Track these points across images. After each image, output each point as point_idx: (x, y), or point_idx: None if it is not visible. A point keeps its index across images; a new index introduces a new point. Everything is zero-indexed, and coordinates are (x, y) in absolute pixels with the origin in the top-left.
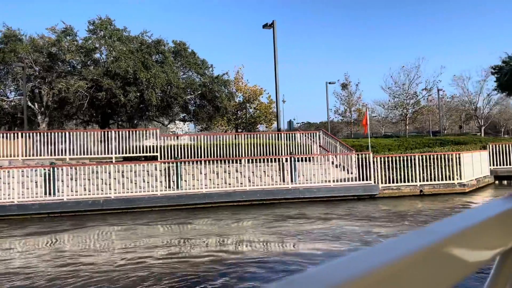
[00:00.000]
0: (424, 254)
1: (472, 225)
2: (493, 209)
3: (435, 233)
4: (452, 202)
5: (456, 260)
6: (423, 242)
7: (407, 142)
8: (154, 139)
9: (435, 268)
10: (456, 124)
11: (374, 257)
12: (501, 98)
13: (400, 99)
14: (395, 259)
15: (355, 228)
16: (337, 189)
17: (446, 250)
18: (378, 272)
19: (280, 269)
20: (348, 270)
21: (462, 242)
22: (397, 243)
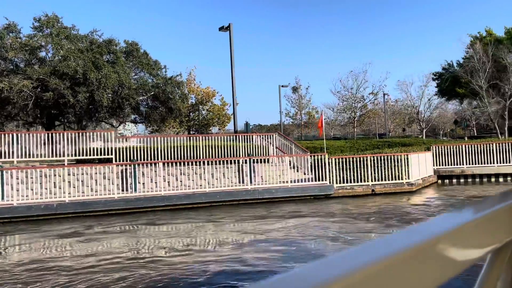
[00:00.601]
0: (415, 252)
1: (463, 223)
2: (484, 207)
3: (426, 231)
4: (400, 200)
5: (447, 258)
6: (414, 240)
7: (357, 144)
8: (108, 141)
9: (425, 266)
10: (400, 126)
11: (363, 255)
12: (441, 103)
13: (348, 102)
14: (385, 257)
15: (320, 224)
16: (295, 190)
17: (437, 248)
18: (367, 269)
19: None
20: (335, 268)
21: (453, 240)
22: (387, 241)
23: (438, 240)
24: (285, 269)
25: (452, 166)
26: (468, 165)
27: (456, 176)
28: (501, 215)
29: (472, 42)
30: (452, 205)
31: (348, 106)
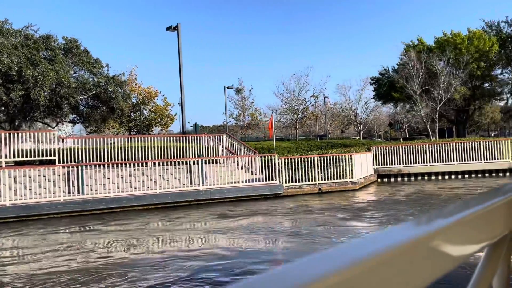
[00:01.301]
0: (409, 247)
1: (459, 219)
2: (478, 202)
3: (420, 227)
4: (345, 198)
5: (443, 253)
6: (408, 235)
7: (302, 145)
8: (49, 142)
9: (420, 261)
10: (338, 128)
11: (355, 251)
12: (376, 106)
13: (291, 104)
14: (378, 253)
15: (277, 220)
16: (246, 189)
17: (432, 243)
18: (360, 265)
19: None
20: (324, 265)
21: (449, 235)
22: (380, 237)
23: (433, 235)
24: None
25: (390, 165)
26: (404, 165)
27: (393, 175)
28: (496, 210)
29: (406, 50)
30: (393, 200)
31: (291, 108)
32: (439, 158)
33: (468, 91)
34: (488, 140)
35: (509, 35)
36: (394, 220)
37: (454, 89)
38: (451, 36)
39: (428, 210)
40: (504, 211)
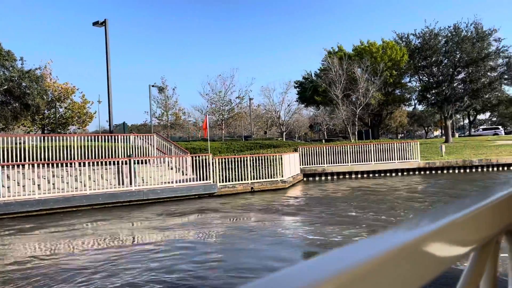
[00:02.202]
0: (400, 251)
1: (447, 222)
2: (466, 205)
3: (410, 231)
4: (276, 196)
5: (432, 257)
6: (399, 240)
7: (232, 145)
8: None
9: (410, 265)
10: (262, 129)
11: (349, 256)
12: (298, 108)
13: (217, 105)
14: (371, 257)
15: (218, 218)
16: (180, 189)
17: (421, 247)
18: (353, 270)
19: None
20: (321, 269)
21: (437, 238)
22: (373, 241)
23: (422, 239)
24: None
25: (316, 165)
26: (328, 164)
27: (318, 174)
28: (484, 213)
29: (327, 56)
30: (323, 197)
31: (217, 109)
32: (359, 158)
33: (382, 97)
34: (400, 142)
35: (416, 46)
36: (329, 215)
37: (371, 95)
38: (367, 45)
39: (356, 205)
40: (491, 214)
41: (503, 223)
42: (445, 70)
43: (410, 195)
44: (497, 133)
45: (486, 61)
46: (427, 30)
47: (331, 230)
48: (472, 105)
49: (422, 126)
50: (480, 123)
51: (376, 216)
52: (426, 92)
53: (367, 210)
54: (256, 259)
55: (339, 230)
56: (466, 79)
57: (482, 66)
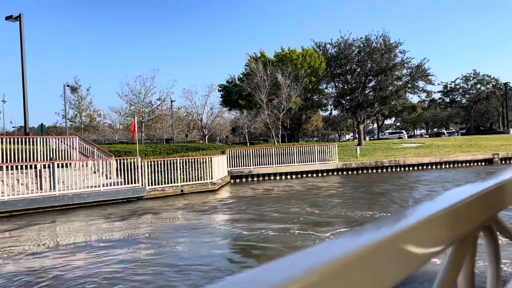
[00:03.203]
0: (376, 248)
1: (426, 217)
2: (444, 202)
3: (388, 227)
4: (207, 198)
5: (409, 253)
6: (376, 236)
7: (158, 148)
8: None
9: (387, 262)
10: (183, 132)
11: (321, 254)
12: (221, 111)
13: (136, 107)
14: (344, 255)
15: (148, 221)
16: (108, 193)
17: (399, 243)
18: (325, 268)
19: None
20: (292, 269)
21: (416, 234)
22: (346, 239)
23: (399, 236)
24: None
25: (242, 167)
26: (254, 166)
27: (245, 176)
28: (462, 209)
29: (250, 61)
30: (254, 198)
31: (136, 111)
32: (283, 160)
33: (302, 102)
34: (320, 145)
35: (333, 55)
36: (260, 213)
37: (293, 100)
38: (288, 52)
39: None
40: (469, 210)
41: (481, 219)
42: (358, 78)
43: (334, 192)
44: (401, 136)
45: (393, 71)
46: (342, 40)
47: (262, 226)
48: (381, 111)
49: (335, 130)
50: (386, 128)
51: (307, 213)
52: (341, 98)
53: (296, 207)
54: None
55: (271, 225)
56: (376, 87)
57: (390, 75)
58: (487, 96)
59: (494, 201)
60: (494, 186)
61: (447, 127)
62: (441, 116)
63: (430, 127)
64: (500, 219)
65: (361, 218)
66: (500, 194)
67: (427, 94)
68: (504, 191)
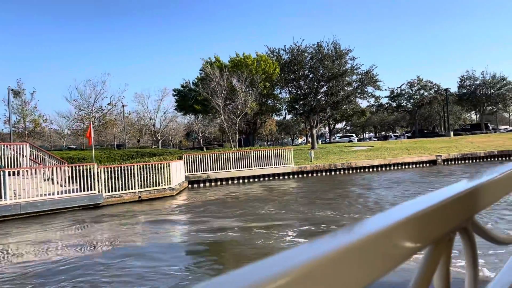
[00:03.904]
0: (351, 249)
1: (399, 220)
2: (420, 204)
3: (363, 229)
4: (165, 204)
5: (385, 253)
6: (351, 238)
7: (113, 154)
8: None
9: (361, 262)
10: (135, 138)
11: (297, 255)
12: (174, 116)
13: (86, 112)
14: (320, 256)
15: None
16: (63, 201)
17: (373, 245)
18: (300, 270)
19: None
20: (270, 269)
21: (391, 236)
22: (323, 241)
23: (375, 237)
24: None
25: (200, 172)
26: (212, 171)
27: (203, 181)
28: (437, 211)
29: (206, 66)
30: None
31: (86, 116)
32: (240, 164)
33: (258, 107)
34: (277, 149)
35: (286, 61)
36: (221, 217)
37: (249, 105)
38: (243, 58)
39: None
40: (444, 212)
41: (456, 221)
42: (311, 83)
43: (293, 194)
44: (351, 140)
45: (344, 77)
46: (295, 47)
47: (222, 228)
48: (333, 115)
49: (288, 134)
50: (337, 131)
51: (268, 215)
52: (295, 103)
53: (254, 209)
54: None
55: (231, 228)
56: (328, 92)
57: (341, 81)
58: (430, 101)
59: (470, 203)
60: (470, 188)
61: (394, 131)
62: (388, 120)
63: (378, 130)
64: (477, 221)
65: (324, 218)
66: (476, 197)
67: (375, 99)
68: (480, 193)
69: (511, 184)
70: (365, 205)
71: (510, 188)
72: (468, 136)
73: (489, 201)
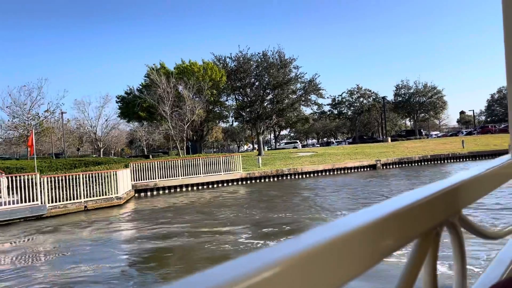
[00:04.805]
0: (336, 243)
1: (386, 214)
2: (407, 198)
3: (350, 223)
4: (112, 213)
5: (372, 247)
6: (337, 231)
7: (54, 164)
8: None
9: (349, 255)
10: (74, 146)
11: (282, 249)
12: (117, 123)
13: (21, 119)
14: (306, 250)
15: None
16: (2, 214)
17: (361, 238)
18: (285, 263)
19: None
20: (250, 266)
21: (375, 230)
22: (309, 235)
23: (362, 230)
24: None
25: (147, 180)
26: (160, 179)
27: (150, 189)
28: (425, 205)
29: (150, 72)
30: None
31: (21, 124)
32: (189, 171)
33: (205, 114)
34: (225, 156)
35: (232, 69)
36: (169, 225)
37: (197, 112)
38: (189, 65)
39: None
40: (431, 207)
41: (444, 215)
42: (257, 91)
43: (243, 199)
44: (296, 146)
45: (289, 85)
46: (241, 55)
47: (168, 237)
48: (278, 122)
49: (235, 140)
50: (282, 138)
51: (223, 221)
52: (241, 110)
53: (208, 217)
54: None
55: (178, 236)
56: (274, 100)
57: (286, 89)
58: (369, 108)
59: (457, 198)
60: (457, 184)
61: (336, 137)
62: (330, 127)
63: (321, 136)
64: (464, 215)
65: (277, 220)
66: (463, 192)
67: (318, 106)
68: (467, 188)
69: (497, 179)
70: (316, 207)
71: (496, 184)
72: (404, 141)
73: (476, 196)
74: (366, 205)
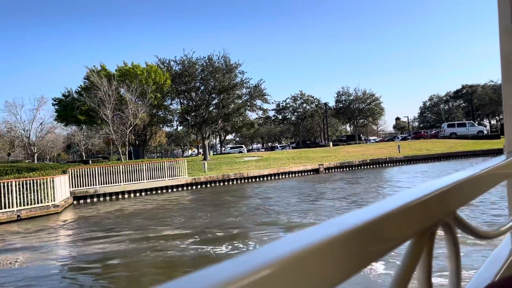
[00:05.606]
0: (332, 243)
1: (381, 214)
2: (402, 199)
3: (344, 223)
4: (48, 222)
5: (368, 246)
6: (331, 232)
7: None
8: None
9: (345, 254)
10: (4, 151)
11: (278, 248)
12: (53, 127)
13: None
14: (303, 249)
15: None
16: None
17: (357, 237)
18: (281, 262)
19: None
20: (245, 265)
21: (370, 230)
22: (305, 234)
23: (358, 230)
24: None
25: (87, 187)
26: (101, 185)
27: (90, 196)
28: (420, 205)
29: (90, 74)
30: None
31: None
32: (131, 177)
33: (149, 118)
34: (170, 161)
35: (177, 72)
36: (108, 235)
37: (140, 116)
38: (131, 67)
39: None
40: (426, 207)
41: (438, 215)
42: (202, 95)
43: (188, 205)
44: (241, 151)
45: (234, 90)
46: (185, 58)
47: (107, 246)
48: (224, 127)
49: (179, 145)
50: (227, 142)
51: (168, 227)
52: (186, 115)
53: (151, 223)
54: None
55: (117, 244)
56: (220, 104)
57: (231, 94)
58: (312, 114)
59: (452, 198)
60: (452, 184)
61: (280, 141)
62: (274, 132)
63: (265, 141)
64: (459, 215)
65: (224, 225)
66: (458, 192)
67: (263, 111)
68: (462, 189)
69: (491, 180)
70: (263, 211)
71: (491, 184)
72: (345, 146)
73: (471, 197)
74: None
